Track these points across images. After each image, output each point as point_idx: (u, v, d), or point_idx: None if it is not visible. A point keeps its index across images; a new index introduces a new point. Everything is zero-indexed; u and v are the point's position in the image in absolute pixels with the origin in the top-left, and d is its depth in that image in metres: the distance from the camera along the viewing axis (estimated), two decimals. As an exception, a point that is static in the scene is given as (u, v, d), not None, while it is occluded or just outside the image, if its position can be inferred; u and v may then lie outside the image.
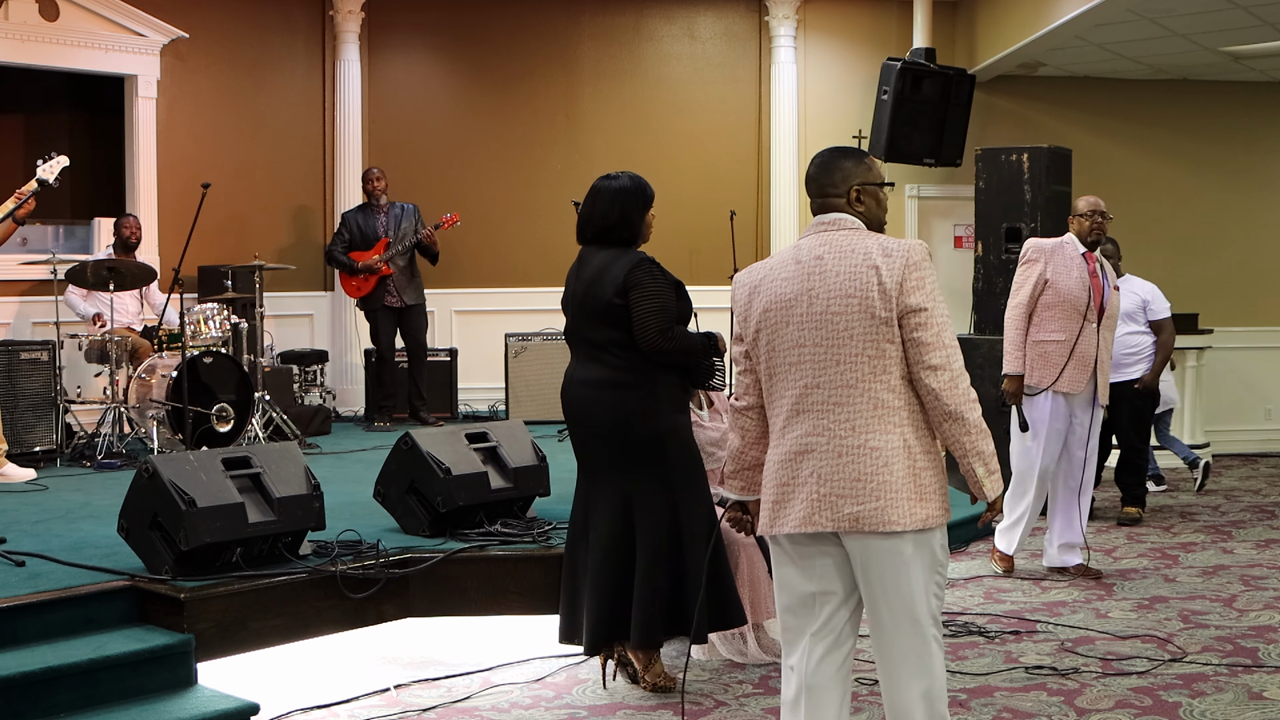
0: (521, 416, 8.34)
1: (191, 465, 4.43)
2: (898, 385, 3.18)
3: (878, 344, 3.17)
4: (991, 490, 3.23)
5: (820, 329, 3.20)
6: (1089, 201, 6.21)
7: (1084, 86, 10.57)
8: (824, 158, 3.38)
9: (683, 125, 10.25)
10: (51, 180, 6.69)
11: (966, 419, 3.15)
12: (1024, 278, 6.12)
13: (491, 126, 10.16)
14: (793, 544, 3.30)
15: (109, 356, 7.48)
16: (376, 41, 10.04)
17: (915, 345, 3.15)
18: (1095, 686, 4.61)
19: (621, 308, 4.38)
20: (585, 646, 4.56)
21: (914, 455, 3.17)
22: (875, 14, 10.37)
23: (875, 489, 3.15)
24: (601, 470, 4.53)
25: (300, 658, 4.72)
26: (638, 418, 4.41)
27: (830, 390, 3.19)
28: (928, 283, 3.16)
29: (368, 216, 9.03)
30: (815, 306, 3.21)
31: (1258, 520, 7.78)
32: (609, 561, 4.47)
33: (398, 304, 8.98)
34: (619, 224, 4.52)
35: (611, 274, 4.42)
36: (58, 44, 8.64)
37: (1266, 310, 10.93)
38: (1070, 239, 6.18)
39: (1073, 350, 6.01)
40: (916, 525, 3.15)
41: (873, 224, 3.34)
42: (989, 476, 3.21)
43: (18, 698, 3.79)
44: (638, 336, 4.37)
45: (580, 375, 4.54)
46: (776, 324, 3.26)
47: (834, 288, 3.19)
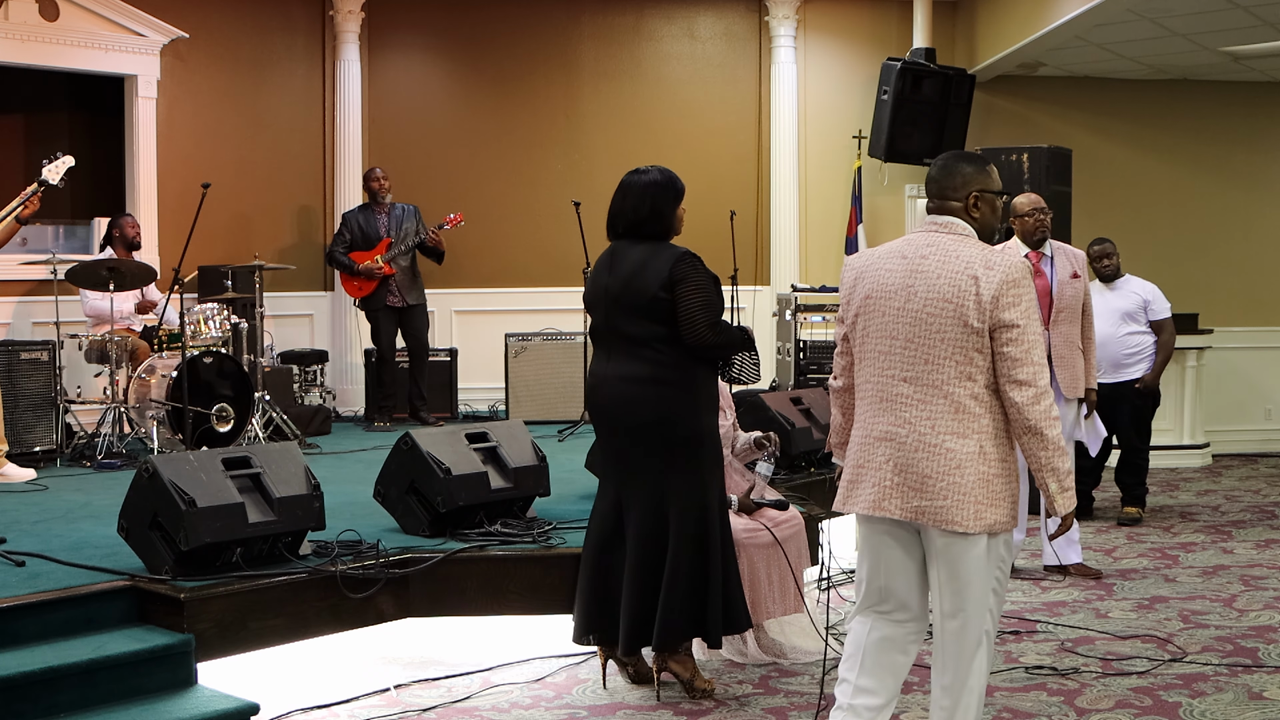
0: (521, 416, 8.34)
1: (191, 465, 4.42)
2: (981, 393, 3.33)
3: (966, 351, 3.31)
4: (1063, 506, 3.38)
5: (914, 325, 3.36)
6: (1029, 200, 6.21)
7: (1084, 86, 10.57)
8: (946, 160, 3.55)
9: (683, 125, 10.24)
10: (55, 181, 6.72)
11: (1046, 435, 3.29)
12: None
13: (491, 126, 10.16)
14: (865, 525, 3.53)
15: (109, 356, 7.48)
16: (376, 41, 10.04)
17: (1004, 359, 3.29)
18: (1095, 686, 4.61)
19: (667, 302, 4.31)
20: (623, 648, 4.50)
21: (989, 461, 3.33)
22: (875, 14, 10.38)
23: (945, 488, 3.32)
24: (637, 468, 4.44)
25: (300, 658, 4.71)
26: (680, 415, 4.35)
27: (917, 386, 3.36)
28: (1024, 300, 3.30)
29: (369, 217, 9.03)
30: (913, 303, 3.36)
31: (1258, 520, 7.78)
32: (647, 561, 4.41)
33: (399, 304, 8.98)
34: (650, 218, 4.47)
35: (654, 267, 4.35)
36: (58, 44, 8.64)
37: (1266, 310, 10.93)
38: (1013, 244, 6.17)
39: None
40: (982, 529, 3.32)
41: (985, 232, 3.50)
42: (1062, 493, 3.36)
43: (18, 698, 3.78)
44: (685, 331, 4.31)
45: (618, 371, 4.42)
46: (873, 312, 3.44)
47: (933, 290, 3.34)
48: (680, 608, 4.38)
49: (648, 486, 4.42)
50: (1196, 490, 8.91)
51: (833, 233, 10.34)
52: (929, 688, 4.61)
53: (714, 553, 4.43)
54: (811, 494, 6.26)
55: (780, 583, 4.99)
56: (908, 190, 10.47)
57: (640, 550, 4.43)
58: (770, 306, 9.98)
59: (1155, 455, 8.68)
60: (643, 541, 4.43)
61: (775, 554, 4.98)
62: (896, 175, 10.37)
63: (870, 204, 10.33)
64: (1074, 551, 6.30)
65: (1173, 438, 9.82)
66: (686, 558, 4.37)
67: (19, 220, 6.63)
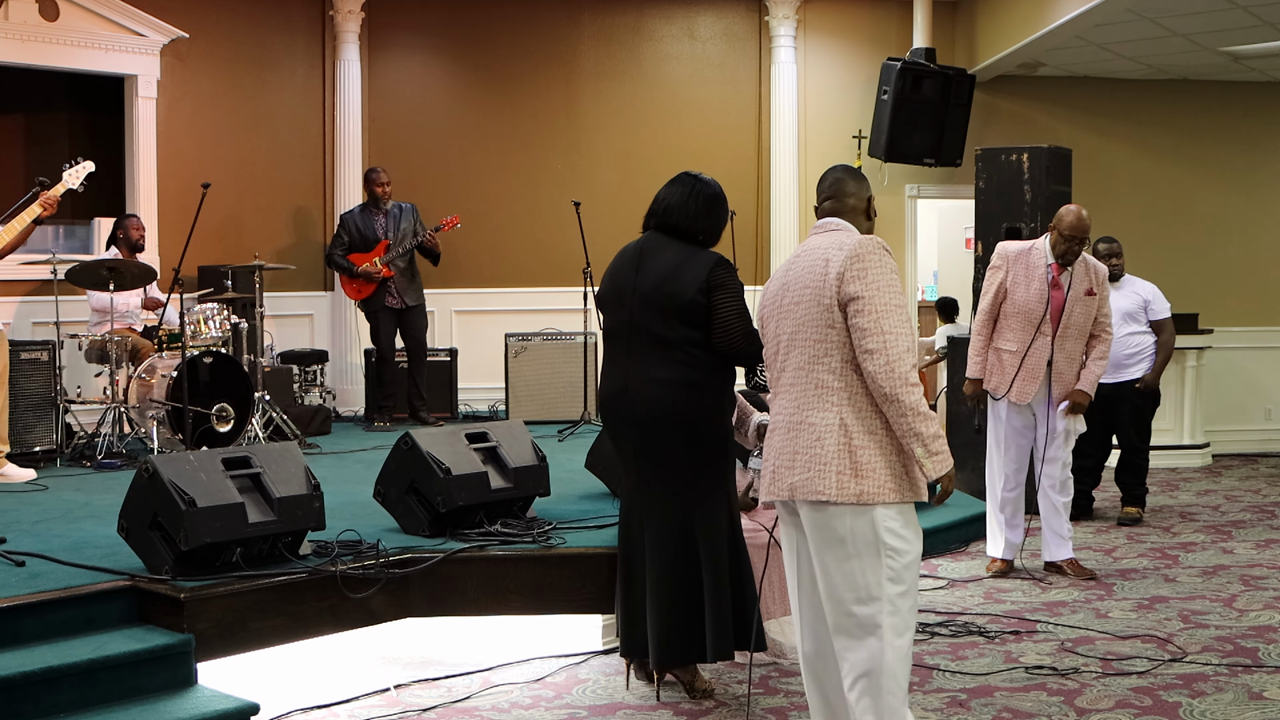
0: (521, 416, 8.34)
1: (191, 465, 4.42)
2: (838, 368, 3.40)
3: (821, 329, 3.42)
4: (932, 469, 3.35)
5: (789, 319, 3.51)
6: (1073, 225, 6.00)
7: (1084, 86, 10.57)
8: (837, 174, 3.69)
9: (683, 125, 10.24)
10: (76, 185, 6.86)
11: (902, 401, 3.31)
12: (988, 284, 6.20)
13: (491, 127, 10.16)
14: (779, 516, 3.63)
15: (109, 356, 7.48)
16: (376, 41, 10.04)
17: (855, 331, 3.37)
18: (1095, 686, 4.61)
19: (703, 306, 4.26)
20: (654, 664, 4.44)
21: (850, 433, 3.36)
22: (875, 14, 10.38)
23: (807, 461, 3.40)
24: (659, 472, 4.36)
25: (300, 658, 4.72)
26: (711, 419, 4.31)
27: (791, 374, 3.50)
28: (869, 273, 3.37)
29: (367, 218, 9.02)
30: (787, 299, 3.53)
31: (1258, 520, 7.78)
32: (674, 573, 4.33)
33: (398, 305, 8.98)
34: (711, 228, 4.46)
35: (691, 271, 4.29)
36: (58, 44, 8.64)
37: (1266, 310, 10.94)
38: (1041, 246, 6.14)
39: (1022, 362, 6.07)
40: (849, 499, 3.33)
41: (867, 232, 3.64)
42: (929, 457, 3.33)
43: (18, 698, 3.79)
44: (720, 337, 4.28)
45: (646, 374, 4.32)
46: (767, 319, 3.64)
47: (799, 281, 3.50)
48: (728, 619, 4.32)
49: (672, 490, 4.34)
50: (1196, 490, 8.91)
51: (833, 233, 10.32)
52: (928, 688, 4.63)
53: (745, 558, 4.43)
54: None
55: (780, 583, 4.99)
56: (908, 190, 10.47)
57: (662, 560, 4.35)
58: (770, 306, 9.96)
59: (1155, 455, 8.68)
60: (664, 551, 4.35)
61: (775, 554, 4.97)
62: (896, 175, 10.37)
63: (870, 204, 10.32)
64: (1064, 548, 6.30)
65: (1173, 438, 9.82)
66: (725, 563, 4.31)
67: (36, 222, 6.68)
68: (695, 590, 4.33)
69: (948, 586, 6.19)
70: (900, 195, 10.47)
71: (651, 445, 4.35)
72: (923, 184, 10.47)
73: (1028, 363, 6.06)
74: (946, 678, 4.73)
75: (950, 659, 4.96)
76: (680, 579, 4.34)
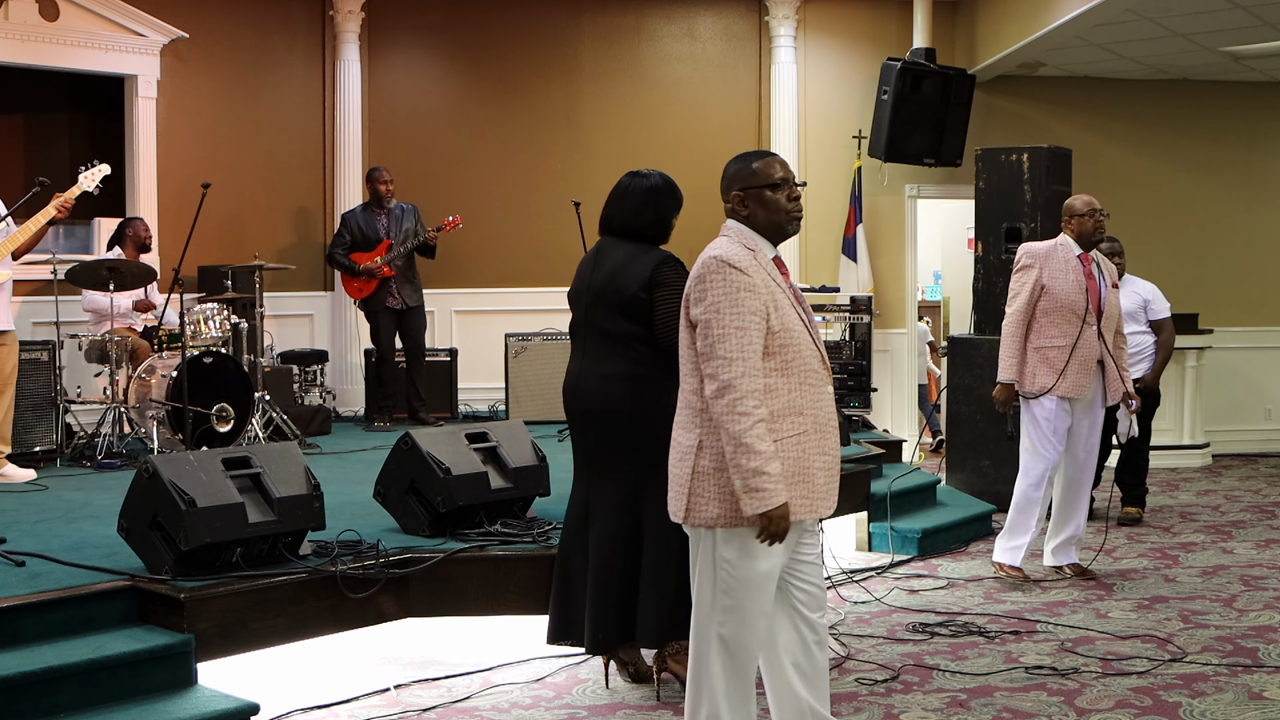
0: (521, 416, 8.34)
1: (191, 465, 4.42)
2: (699, 387, 3.36)
3: (687, 348, 3.40)
4: (746, 506, 3.21)
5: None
6: (1086, 201, 6.12)
7: (1084, 86, 10.57)
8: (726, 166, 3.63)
9: (683, 125, 10.25)
10: (92, 188, 6.91)
11: (728, 430, 3.23)
12: (1020, 284, 6.09)
13: (491, 127, 10.16)
14: None
15: (109, 356, 7.48)
16: (376, 41, 10.03)
17: (700, 354, 3.31)
18: (1095, 686, 4.61)
19: (645, 302, 4.38)
20: (589, 647, 4.55)
21: (706, 456, 3.32)
22: (875, 14, 10.38)
23: (672, 478, 3.43)
24: (608, 466, 4.49)
25: (300, 658, 4.72)
26: (654, 413, 4.35)
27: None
28: (709, 295, 3.27)
29: (369, 217, 9.02)
30: None
31: (1258, 520, 7.78)
32: (617, 560, 4.45)
33: (399, 305, 8.98)
34: (653, 223, 4.53)
35: (636, 268, 4.42)
36: (58, 44, 8.64)
37: (1266, 310, 10.94)
38: (1065, 241, 6.11)
39: (1072, 353, 5.99)
40: (696, 522, 3.35)
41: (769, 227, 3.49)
42: (745, 494, 3.21)
43: (18, 698, 3.78)
44: (659, 332, 4.36)
45: (595, 369, 4.49)
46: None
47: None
48: (669, 605, 4.38)
49: (620, 484, 4.46)
50: (1196, 490, 8.91)
51: (832, 233, 10.34)
52: (929, 688, 4.63)
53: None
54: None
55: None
56: (908, 190, 10.47)
57: (607, 547, 4.46)
58: (770, 306, 9.96)
59: (1155, 455, 8.68)
60: (610, 539, 4.46)
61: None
62: (896, 175, 10.37)
63: (870, 204, 10.33)
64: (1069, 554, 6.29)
65: (1173, 438, 9.82)
66: (672, 554, 4.37)
67: (50, 224, 6.73)
68: (636, 576, 4.45)
69: (948, 587, 6.19)
70: (900, 195, 10.47)
71: (601, 438, 4.51)
72: (923, 184, 10.47)
73: (1079, 354, 5.97)
74: (946, 678, 4.73)
75: (950, 659, 4.96)
76: (622, 566, 4.45)
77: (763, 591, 3.35)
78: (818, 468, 3.36)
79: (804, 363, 3.34)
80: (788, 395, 3.31)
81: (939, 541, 7.01)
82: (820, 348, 3.44)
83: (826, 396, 3.41)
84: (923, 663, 4.92)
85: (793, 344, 3.32)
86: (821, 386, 3.39)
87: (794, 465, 3.30)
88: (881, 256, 10.37)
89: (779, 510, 3.20)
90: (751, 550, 3.31)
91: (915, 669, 4.84)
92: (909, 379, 10.54)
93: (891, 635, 5.32)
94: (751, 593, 3.34)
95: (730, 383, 3.21)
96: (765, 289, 3.30)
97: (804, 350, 3.35)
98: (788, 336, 3.32)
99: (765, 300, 3.29)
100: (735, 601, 3.34)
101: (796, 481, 3.30)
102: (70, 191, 6.73)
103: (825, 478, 3.38)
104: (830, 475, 3.41)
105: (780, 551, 3.34)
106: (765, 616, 3.39)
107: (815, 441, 3.35)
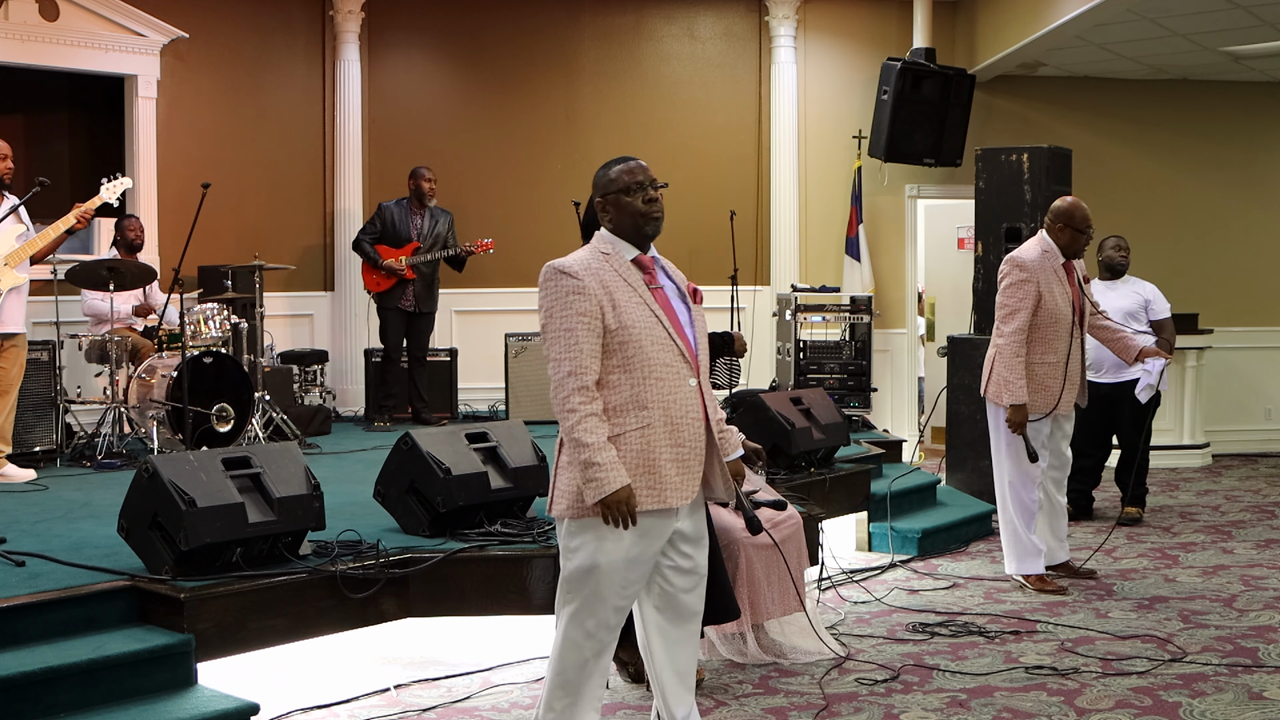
0: (521, 416, 8.34)
1: (191, 465, 4.42)
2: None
3: None
4: (586, 495, 3.39)
5: None
6: (1085, 216, 5.93)
7: (1084, 86, 10.57)
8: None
9: (683, 125, 10.25)
10: (113, 200, 7.00)
11: (562, 425, 3.42)
12: (1019, 300, 5.85)
13: (491, 126, 10.16)
14: None
15: (109, 356, 7.48)
16: (376, 41, 10.03)
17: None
18: (1095, 686, 4.61)
19: None
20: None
21: (563, 452, 3.49)
22: (875, 14, 10.38)
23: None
24: None
25: (300, 658, 4.72)
26: None
27: None
28: (544, 300, 3.45)
29: (404, 214, 9.00)
30: None
31: (1258, 520, 7.78)
32: None
33: (411, 308, 8.98)
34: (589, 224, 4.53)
35: None
36: (58, 44, 8.64)
37: (1266, 310, 10.94)
38: (1051, 248, 5.95)
39: (1065, 371, 5.93)
40: (555, 513, 3.52)
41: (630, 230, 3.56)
42: (584, 484, 3.39)
43: (18, 698, 3.78)
44: None
45: None
46: None
47: None
48: None
49: None
50: (1196, 490, 8.91)
51: (833, 233, 10.34)
52: (929, 688, 4.63)
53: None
54: (811, 494, 6.26)
55: (780, 583, 4.99)
56: (908, 190, 10.47)
57: None
58: (770, 306, 9.98)
59: (1155, 455, 8.69)
60: None
61: (774, 554, 4.98)
62: (896, 175, 10.37)
63: (870, 204, 10.34)
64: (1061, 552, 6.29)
65: (1173, 438, 9.82)
66: None
67: (68, 232, 6.77)
68: None
69: (948, 587, 6.19)
70: (900, 195, 10.47)
71: None
72: (923, 184, 10.47)
73: (1070, 371, 5.92)
74: (946, 678, 4.73)
75: (950, 659, 4.96)
76: None
77: (612, 580, 3.47)
78: (666, 460, 3.46)
79: (649, 358, 3.45)
80: (630, 390, 3.44)
81: (939, 541, 7.01)
82: (687, 342, 3.53)
83: (684, 390, 3.49)
84: (923, 663, 4.92)
85: (634, 341, 3.43)
86: (677, 381, 3.48)
87: (638, 458, 3.43)
88: (881, 256, 10.37)
89: (615, 495, 3.35)
90: (602, 536, 3.44)
91: (915, 669, 4.84)
92: (909, 379, 10.54)
93: (891, 635, 5.32)
94: (603, 581, 3.47)
95: (559, 381, 3.40)
96: (600, 291, 3.42)
97: (652, 346, 3.45)
98: (627, 334, 3.43)
99: (600, 301, 3.41)
100: (581, 590, 3.50)
101: (642, 473, 3.43)
102: (90, 202, 6.83)
103: (676, 469, 3.48)
104: (684, 466, 3.50)
105: (635, 542, 3.45)
106: (616, 611, 3.51)
107: (663, 434, 3.46)
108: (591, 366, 3.40)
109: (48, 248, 6.77)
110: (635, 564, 3.49)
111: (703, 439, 3.54)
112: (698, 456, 3.53)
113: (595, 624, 3.51)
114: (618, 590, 3.49)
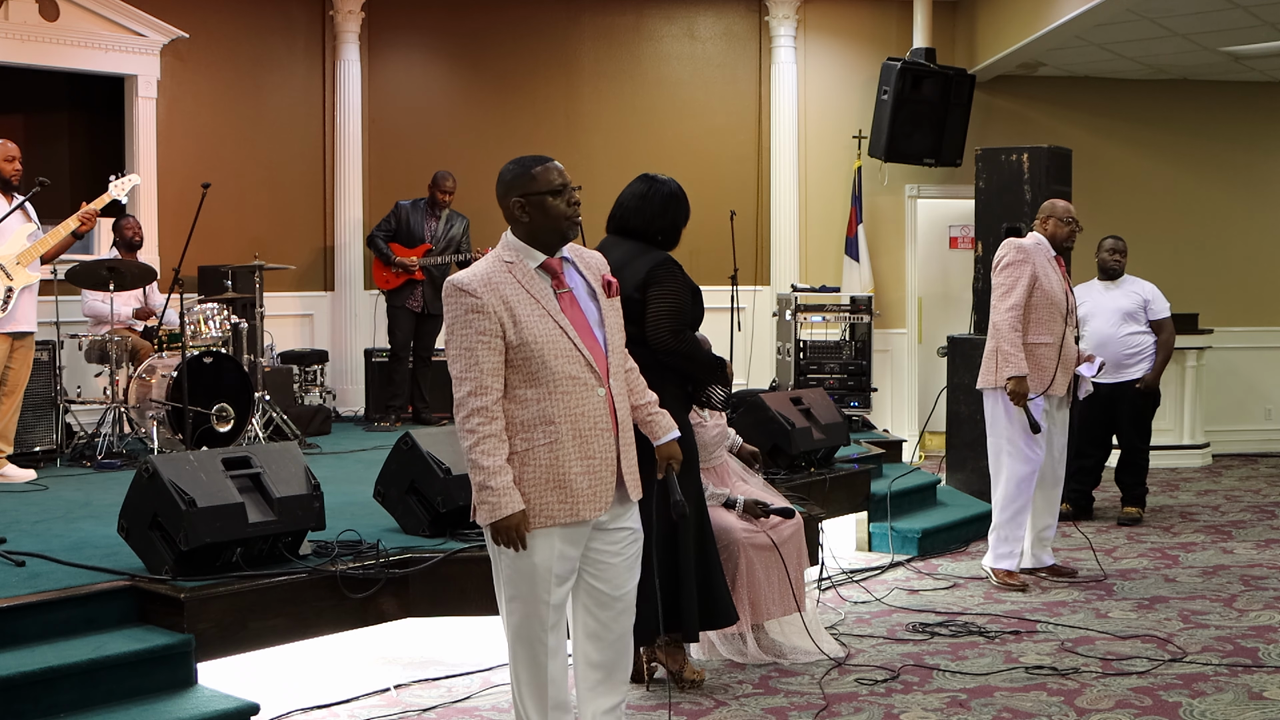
0: (521, 416, 8.32)
1: (191, 465, 4.42)
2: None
3: None
4: (478, 517, 3.39)
5: None
6: (1068, 207, 6.17)
7: (1084, 86, 10.57)
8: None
9: (683, 125, 10.25)
10: (122, 199, 6.99)
11: (462, 446, 3.39)
12: (1013, 279, 6.00)
13: (491, 126, 10.16)
14: None
15: (109, 356, 7.48)
16: (376, 41, 10.03)
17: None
18: (1095, 686, 4.61)
19: (639, 303, 4.37)
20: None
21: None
22: (875, 14, 10.38)
23: None
24: None
25: (300, 658, 4.71)
26: None
27: None
28: (446, 318, 3.43)
29: (419, 216, 9.02)
30: None
31: (1258, 520, 7.78)
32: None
33: (419, 309, 9.00)
34: (667, 229, 4.58)
35: (634, 269, 4.41)
36: (58, 44, 8.64)
37: (1266, 310, 10.94)
38: (1042, 240, 6.12)
39: (1060, 353, 6.01)
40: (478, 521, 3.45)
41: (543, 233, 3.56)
42: (477, 505, 3.38)
43: (18, 698, 3.78)
44: (649, 332, 4.36)
45: None
46: None
47: None
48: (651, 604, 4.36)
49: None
50: (1196, 490, 8.91)
51: (833, 233, 10.34)
52: (929, 688, 4.64)
53: (685, 549, 4.44)
54: (811, 494, 6.27)
55: (780, 583, 4.99)
56: (908, 190, 10.47)
57: None
58: (770, 306, 9.98)
59: (1155, 455, 8.68)
60: None
61: (774, 555, 4.98)
62: (896, 175, 10.37)
63: (870, 204, 10.33)
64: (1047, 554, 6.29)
65: (1173, 438, 9.82)
66: (656, 554, 4.35)
67: (75, 235, 6.76)
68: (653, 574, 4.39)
69: (949, 587, 6.19)
70: (900, 195, 10.47)
71: None
72: (923, 184, 10.47)
73: (1065, 354, 6.02)
74: (946, 678, 4.73)
75: (950, 659, 4.96)
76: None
77: (539, 583, 3.44)
78: (576, 473, 3.41)
79: (554, 372, 3.40)
80: (537, 405, 3.40)
81: (939, 541, 7.01)
82: (595, 348, 3.47)
83: (591, 401, 3.44)
84: (923, 663, 4.92)
85: (538, 355, 3.38)
86: (584, 392, 3.43)
87: (547, 473, 3.40)
88: (881, 256, 10.37)
89: (506, 521, 3.33)
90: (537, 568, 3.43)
91: (915, 669, 4.84)
92: (909, 379, 10.54)
93: (891, 635, 5.32)
94: (529, 584, 3.45)
95: (460, 401, 3.37)
96: (500, 307, 3.37)
97: (556, 360, 3.40)
98: (529, 350, 3.37)
99: (500, 318, 3.36)
100: (516, 592, 3.48)
101: (553, 488, 3.40)
102: (96, 201, 6.84)
103: (588, 481, 3.43)
104: (595, 477, 3.44)
105: (550, 547, 3.42)
106: (553, 609, 3.48)
107: (573, 447, 3.41)
108: (493, 385, 3.35)
109: (57, 248, 6.77)
110: (561, 560, 3.46)
111: (614, 449, 3.49)
112: (609, 466, 3.48)
113: (537, 627, 3.48)
114: (548, 591, 3.46)
